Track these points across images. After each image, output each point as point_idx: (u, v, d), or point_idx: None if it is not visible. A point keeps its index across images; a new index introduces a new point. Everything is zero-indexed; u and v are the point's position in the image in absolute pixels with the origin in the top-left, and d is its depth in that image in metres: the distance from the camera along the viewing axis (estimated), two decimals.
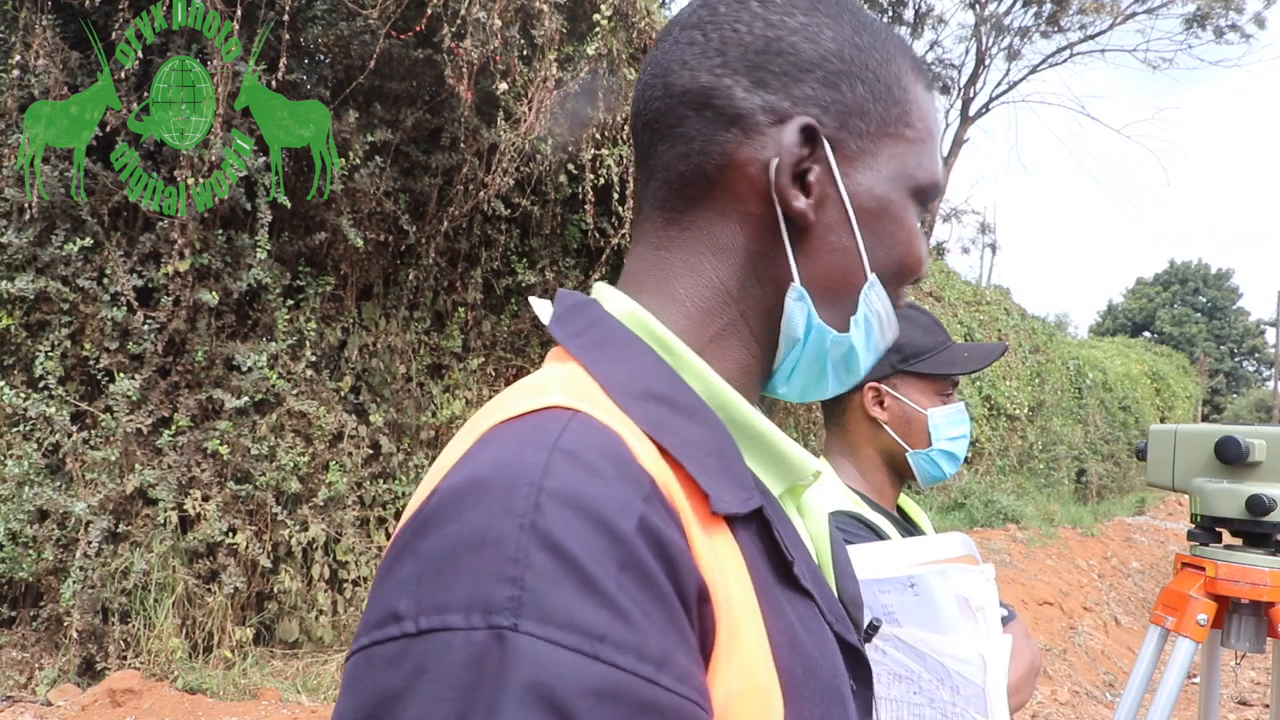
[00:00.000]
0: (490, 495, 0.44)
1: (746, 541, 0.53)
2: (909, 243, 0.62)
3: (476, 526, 0.43)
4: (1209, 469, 1.79)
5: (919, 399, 1.42)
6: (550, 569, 0.42)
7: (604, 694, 0.41)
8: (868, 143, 0.60)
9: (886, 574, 1.09)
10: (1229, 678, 5.75)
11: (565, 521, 0.43)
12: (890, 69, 0.61)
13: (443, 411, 4.54)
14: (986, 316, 12.04)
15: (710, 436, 0.55)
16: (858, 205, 0.60)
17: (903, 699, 1.04)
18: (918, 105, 0.62)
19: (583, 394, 0.53)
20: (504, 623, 0.41)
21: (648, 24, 4.51)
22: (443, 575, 0.43)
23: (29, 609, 3.70)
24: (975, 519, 8.95)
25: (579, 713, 0.40)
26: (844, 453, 1.46)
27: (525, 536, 0.42)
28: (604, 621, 0.42)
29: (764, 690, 0.49)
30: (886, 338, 0.64)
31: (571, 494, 0.44)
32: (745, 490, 0.54)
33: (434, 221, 4.43)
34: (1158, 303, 39.85)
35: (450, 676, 0.41)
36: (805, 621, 0.55)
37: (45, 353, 3.58)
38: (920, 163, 0.62)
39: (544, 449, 0.46)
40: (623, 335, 0.58)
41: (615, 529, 0.44)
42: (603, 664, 0.41)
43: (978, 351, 1.46)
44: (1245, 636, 1.81)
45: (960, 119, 19.57)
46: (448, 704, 0.40)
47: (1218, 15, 18.47)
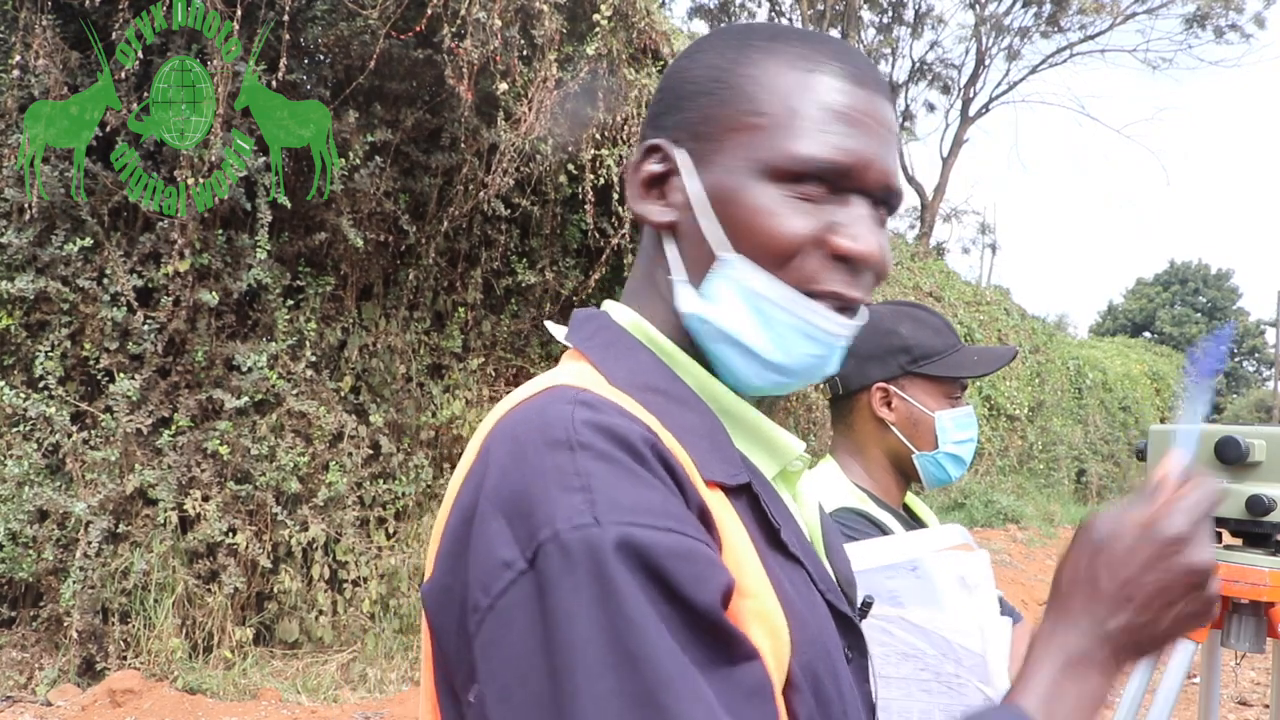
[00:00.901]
0: (534, 443, 0.54)
1: (742, 508, 0.62)
2: (759, 221, 0.65)
3: (536, 464, 0.53)
4: (1209, 469, 1.79)
5: (927, 401, 1.42)
6: (604, 473, 0.52)
7: (679, 554, 0.51)
8: (716, 143, 0.67)
9: (892, 560, 1.13)
10: (1229, 678, 5.75)
11: (601, 441, 0.54)
12: (745, 71, 0.68)
13: (443, 411, 4.54)
14: (986, 317, 12.04)
15: (701, 422, 0.64)
16: (712, 198, 0.67)
17: (910, 676, 1.09)
18: (775, 92, 0.66)
19: (590, 383, 0.62)
20: (588, 520, 0.50)
21: (648, 24, 4.51)
22: (524, 511, 0.52)
23: (29, 609, 3.70)
24: (975, 519, 8.95)
25: (670, 570, 0.50)
26: (851, 452, 1.45)
27: (575, 455, 0.53)
28: (660, 502, 0.53)
29: (773, 616, 0.57)
30: (788, 319, 0.66)
31: (598, 423, 0.55)
32: (733, 467, 0.63)
33: (434, 221, 4.43)
34: (1158, 303, 39.84)
35: (570, 576, 0.49)
36: (794, 583, 0.63)
37: (45, 353, 3.58)
38: (769, 143, 0.65)
39: (566, 403, 0.57)
40: (626, 339, 0.69)
41: (635, 447, 0.54)
42: (673, 534, 0.52)
43: (988, 355, 1.45)
44: (1245, 637, 1.80)
45: (960, 119, 19.56)
46: (580, 596, 0.49)
47: (1218, 15, 18.47)
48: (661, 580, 0.50)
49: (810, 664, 0.60)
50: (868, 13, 18.97)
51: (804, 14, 16.68)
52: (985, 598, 1.14)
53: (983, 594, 1.13)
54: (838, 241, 0.65)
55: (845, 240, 0.65)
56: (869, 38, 19.52)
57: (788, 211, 0.65)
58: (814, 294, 0.66)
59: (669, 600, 0.50)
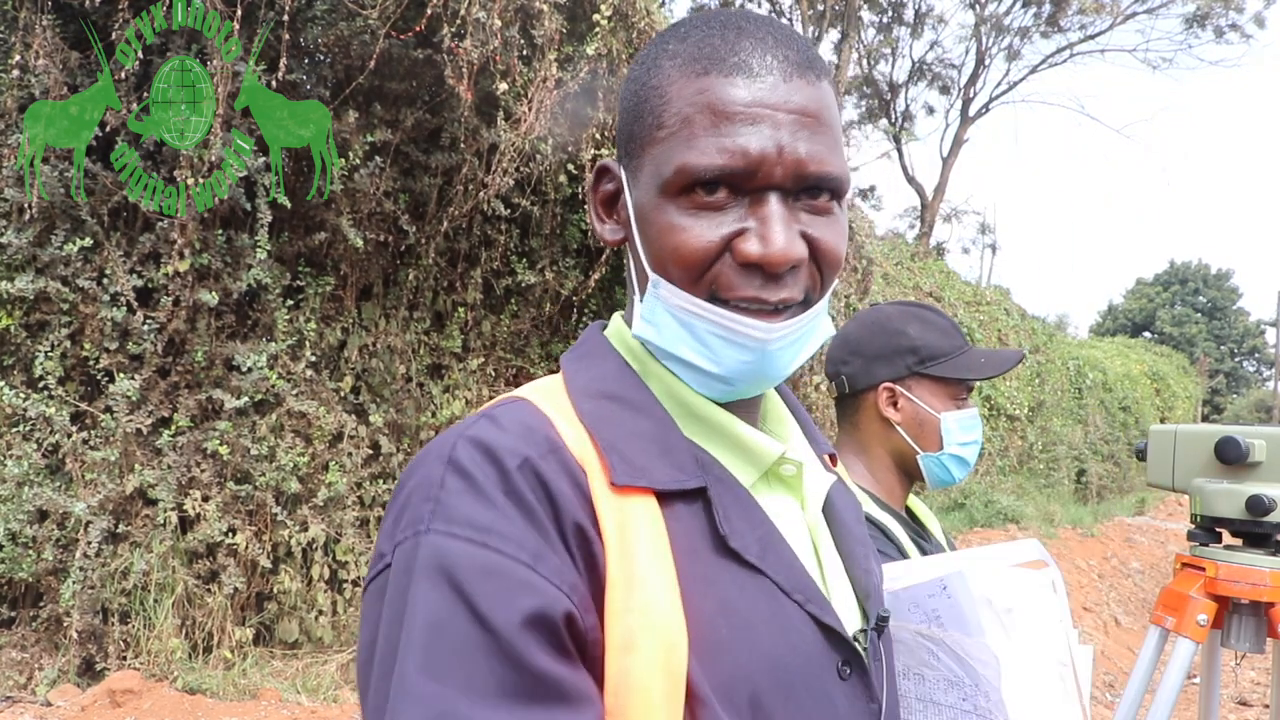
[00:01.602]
0: (432, 452, 0.60)
1: (681, 515, 0.62)
2: (659, 239, 0.65)
3: (421, 475, 0.59)
4: (1209, 469, 1.79)
5: (933, 402, 1.42)
6: (455, 486, 0.57)
7: (489, 571, 0.53)
8: (637, 160, 0.68)
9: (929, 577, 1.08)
10: (1229, 678, 5.75)
11: (470, 455, 0.58)
12: (651, 82, 0.67)
13: (443, 412, 4.54)
14: (986, 317, 12.03)
15: (653, 428, 0.65)
16: (637, 218, 0.68)
17: (956, 705, 1.04)
18: (672, 102, 0.65)
19: (544, 391, 0.67)
20: (422, 528, 0.56)
21: (647, 24, 4.51)
22: (401, 514, 0.58)
23: (29, 609, 3.70)
24: (975, 519, 8.95)
25: (469, 585, 0.53)
26: (855, 451, 1.45)
27: (444, 467, 0.58)
28: (491, 520, 0.55)
29: (667, 630, 0.57)
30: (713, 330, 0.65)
31: (478, 438, 0.59)
32: (682, 472, 0.63)
33: (434, 222, 4.43)
34: (1158, 303, 39.83)
35: (394, 580, 0.56)
36: (745, 592, 0.62)
37: (45, 353, 3.58)
38: (667, 157, 0.64)
39: (477, 417, 0.62)
40: (602, 349, 0.72)
41: (503, 463, 0.57)
42: (489, 550, 0.54)
43: (995, 358, 1.44)
44: (1245, 637, 1.80)
45: (960, 119, 19.56)
46: (393, 600, 0.55)
47: (1218, 15, 18.46)
48: (463, 594, 0.53)
49: (746, 678, 0.59)
50: (868, 13, 18.96)
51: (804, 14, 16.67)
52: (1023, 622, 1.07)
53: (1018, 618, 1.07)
54: (742, 248, 0.63)
55: (748, 245, 0.63)
56: (869, 38, 19.52)
57: (689, 225, 0.64)
58: (731, 302, 0.65)
59: (468, 615, 0.52)
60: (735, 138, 0.62)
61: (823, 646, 0.65)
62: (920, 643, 1.06)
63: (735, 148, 0.62)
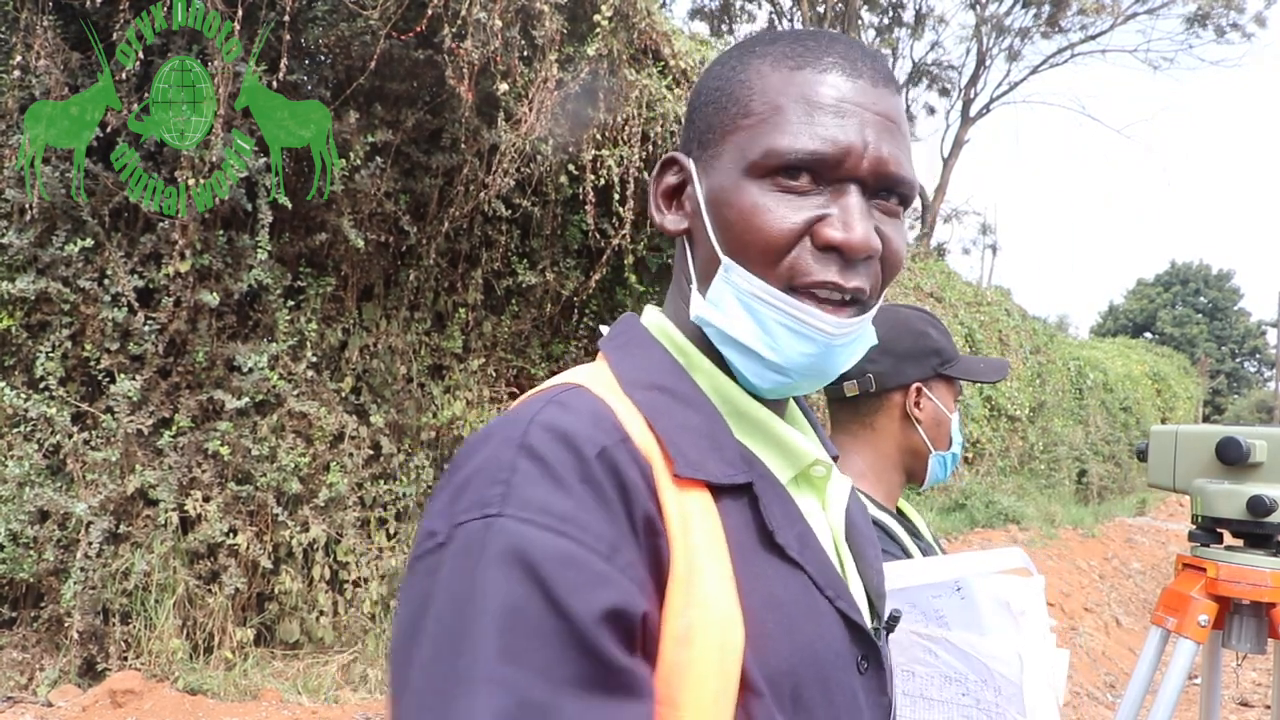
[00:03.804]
0: (496, 435, 0.59)
1: (731, 510, 0.63)
2: (740, 219, 0.67)
3: (484, 455, 0.58)
4: (1210, 470, 1.79)
5: (947, 402, 1.46)
6: (530, 471, 0.55)
7: (569, 561, 0.52)
8: (715, 149, 0.70)
9: (940, 579, 1.12)
10: (1230, 679, 5.74)
11: (545, 441, 0.57)
12: (738, 77, 0.70)
13: (443, 412, 4.54)
14: (987, 317, 12.03)
15: (703, 421, 0.66)
16: (709, 204, 0.69)
17: (953, 700, 1.08)
18: (763, 92, 0.68)
19: (596, 380, 0.67)
20: (492, 512, 0.54)
21: (648, 24, 4.51)
22: (461, 494, 0.57)
23: (30, 610, 3.70)
24: (976, 520, 8.94)
25: (548, 573, 0.52)
26: (858, 451, 1.46)
27: (515, 451, 0.57)
28: (569, 509, 0.54)
29: (724, 621, 0.58)
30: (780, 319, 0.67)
31: (553, 424, 0.58)
32: (731, 467, 0.64)
33: (434, 222, 4.43)
34: (1159, 303, 39.80)
35: (454, 561, 0.54)
36: (788, 587, 0.64)
37: (46, 353, 3.58)
38: (754, 141, 0.67)
39: (542, 402, 0.61)
40: (644, 340, 0.72)
41: (581, 451, 0.57)
42: (568, 539, 0.53)
43: (990, 363, 1.50)
44: (1246, 637, 1.80)
45: (961, 119, 19.56)
46: (456, 580, 0.53)
47: (1218, 15, 18.46)
48: (540, 582, 0.52)
49: (791, 670, 0.61)
50: (868, 13, 18.96)
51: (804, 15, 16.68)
52: (1032, 625, 1.12)
53: (1029, 621, 1.12)
54: (824, 231, 0.65)
55: (830, 230, 0.65)
56: (869, 39, 19.51)
57: (771, 206, 0.66)
58: (806, 287, 0.66)
59: (544, 603, 0.51)
60: (827, 127, 0.65)
61: (847, 642, 0.67)
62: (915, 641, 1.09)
63: (826, 135, 0.65)
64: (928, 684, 1.08)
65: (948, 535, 8.11)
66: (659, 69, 4.76)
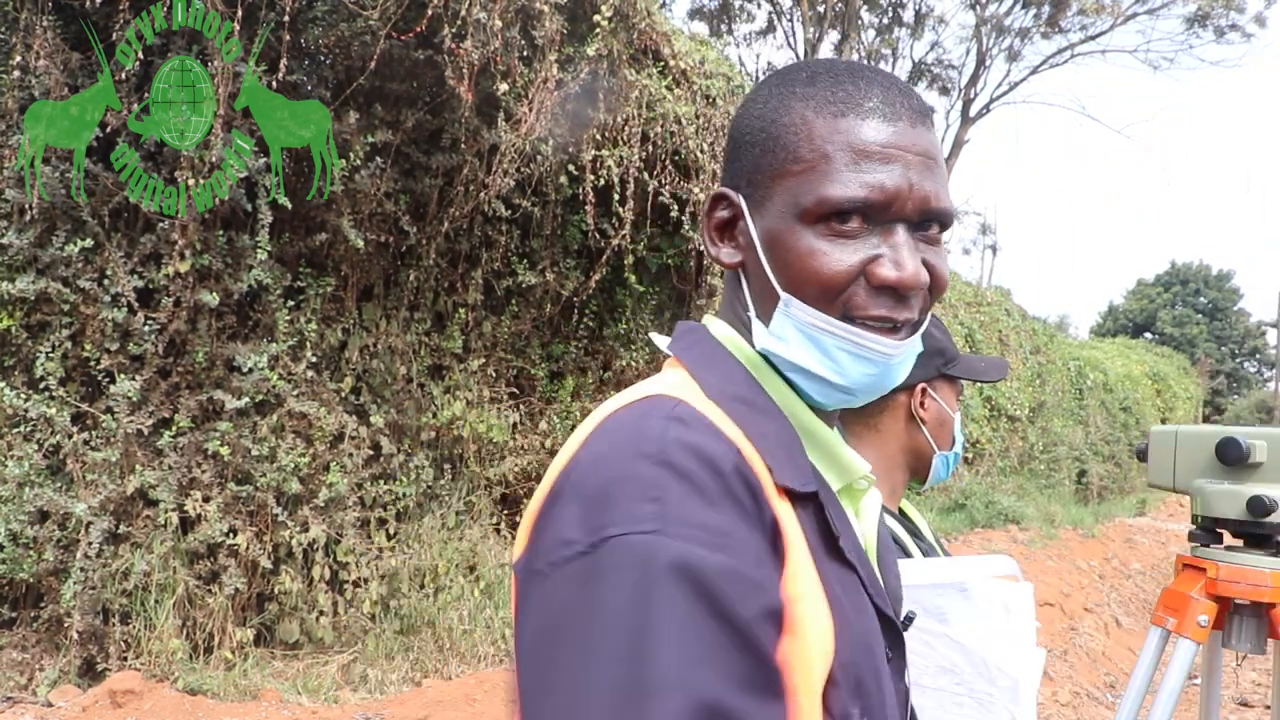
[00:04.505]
0: (627, 449, 0.62)
1: (804, 516, 0.68)
2: (798, 262, 0.72)
3: (622, 468, 0.61)
4: (1210, 470, 1.79)
5: (950, 401, 1.47)
6: (681, 491, 0.59)
7: (728, 574, 0.57)
8: (765, 190, 0.74)
9: (942, 580, 1.21)
10: (1230, 679, 5.74)
11: (687, 459, 0.60)
12: (784, 121, 0.74)
13: (443, 412, 4.54)
14: (987, 317, 12.03)
15: (781, 432, 0.71)
16: (764, 242, 0.74)
17: (945, 689, 1.17)
18: (810, 138, 0.72)
19: (685, 390, 0.71)
20: (652, 528, 0.57)
21: (648, 25, 4.51)
22: (601, 505, 0.59)
23: (30, 610, 3.70)
24: (976, 520, 8.94)
25: (714, 586, 0.56)
26: (861, 452, 1.46)
27: (659, 470, 0.60)
28: (721, 523, 0.59)
29: (819, 614, 0.64)
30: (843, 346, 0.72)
31: (689, 443, 0.62)
32: (804, 476, 0.69)
33: (434, 222, 4.43)
34: (1158, 304, 39.78)
35: (618, 573, 0.56)
36: (845, 587, 0.69)
37: (46, 354, 3.58)
38: (807, 188, 0.71)
39: (663, 418, 0.64)
40: (720, 352, 0.77)
41: (720, 468, 0.61)
42: (725, 553, 0.58)
43: (990, 363, 1.51)
44: (1246, 638, 1.80)
45: (961, 120, 19.56)
46: (617, 593, 0.56)
47: (1218, 15, 18.46)
48: (709, 594, 0.56)
49: (854, 661, 0.66)
50: (868, 14, 18.95)
51: (804, 15, 16.67)
52: (1024, 627, 1.21)
53: (1021, 623, 1.21)
54: (878, 272, 0.71)
55: (884, 270, 0.71)
56: (869, 39, 19.51)
57: (827, 250, 0.71)
58: (862, 320, 0.72)
59: (713, 614, 0.56)
60: (875, 174, 0.70)
61: (879, 636, 0.73)
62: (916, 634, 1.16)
63: (875, 183, 0.70)
64: (921, 673, 1.16)
65: (948, 535, 8.11)
66: (659, 69, 4.76)
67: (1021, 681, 1.16)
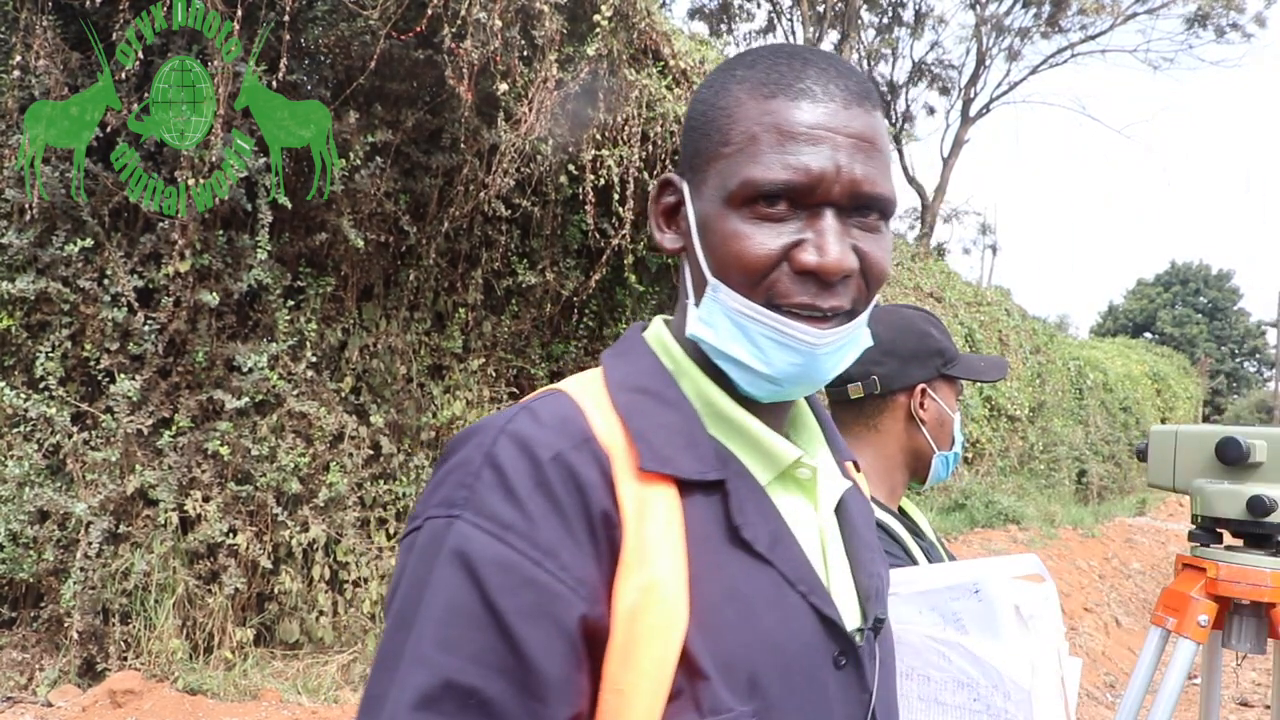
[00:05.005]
0: (477, 436, 0.67)
1: (699, 505, 0.68)
2: (722, 245, 0.70)
3: (460, 456, 0.66)
4: (1210, 470, 1.79)
5: (950, 402, 1.46)
6: (490, 480, 0.63)
7: (501, 564, 0.60)
8: (701, 174, 0.73)
9: (957, 582, 1.14)
10: (1230, 679, 5.74)
11: (507, 450, 0.64)
12: (719, 104, 0.72)
13: (443, 412, 4.54)
14: (987, 317, 12.03)
15: (682, 422, 0.71)
16: (699, 226, 0.73)
17: (964, 705, 1.10)
18: (740, 121, 0.70)
19: (583, 385, 0.73)
20: (455, 513, 0.63)
21: (648, 25, 4.51)
22: (435, 488, 0.66)
23: (29, 610, 3.70)
24: (976, 520, 8.94)
25: (484, 575, 0.60)
26: (861, 452, 1.46)
27: (481, 459, 0.64)
28: (512, 517, 0.61)
29: (669, 607, 0.63)
30: (767, 334, 0.70)
31: (516, 433, 0.65)
32: (703, 464, 0.68)
33: (434, 222, 4.43)
34: (1158, 303, 39.79)
35: (422, 549, 0.63)
36: (753, 580, 0.68)
37: (46, 353, 3.58)
38: (733, 171, 0.70)
39: (518, 409, 0.68)
40: (640, 348, 0.77)
41: (537, 457, 0.63)
42: (504, 544, 0.61)
43: (990, 362, 1.50)
44: (1246, 637, 1.80)
45: (961, 119, 19.56)
46: (418, 565, 0.63)
47: (1218, 15, 18.46)
48: (479, 583, 0.60)
49: (747, 656, 0.65)
50: (868, 13, 18.96)
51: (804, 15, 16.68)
52: (1044, 631, 1.13)
53: (1040, 627, 1.13)
54: (800, 257, 0.69)
55: (805, 255, 0.68)
56: (869, 39, 19.52)
57: (750, 233, 0.69)
58: (785, 307, 0.69)
59: (478, 601, 0.60)
60: (799, 155, 0.68)
61: (821, 636, 0.70)
62: (930, 645, 1.09)
63: (799, 165, 0.68)
64: (942, 689, 1.10)
65: (948, 535, 8.11)
66: (659, 69, 4.76)
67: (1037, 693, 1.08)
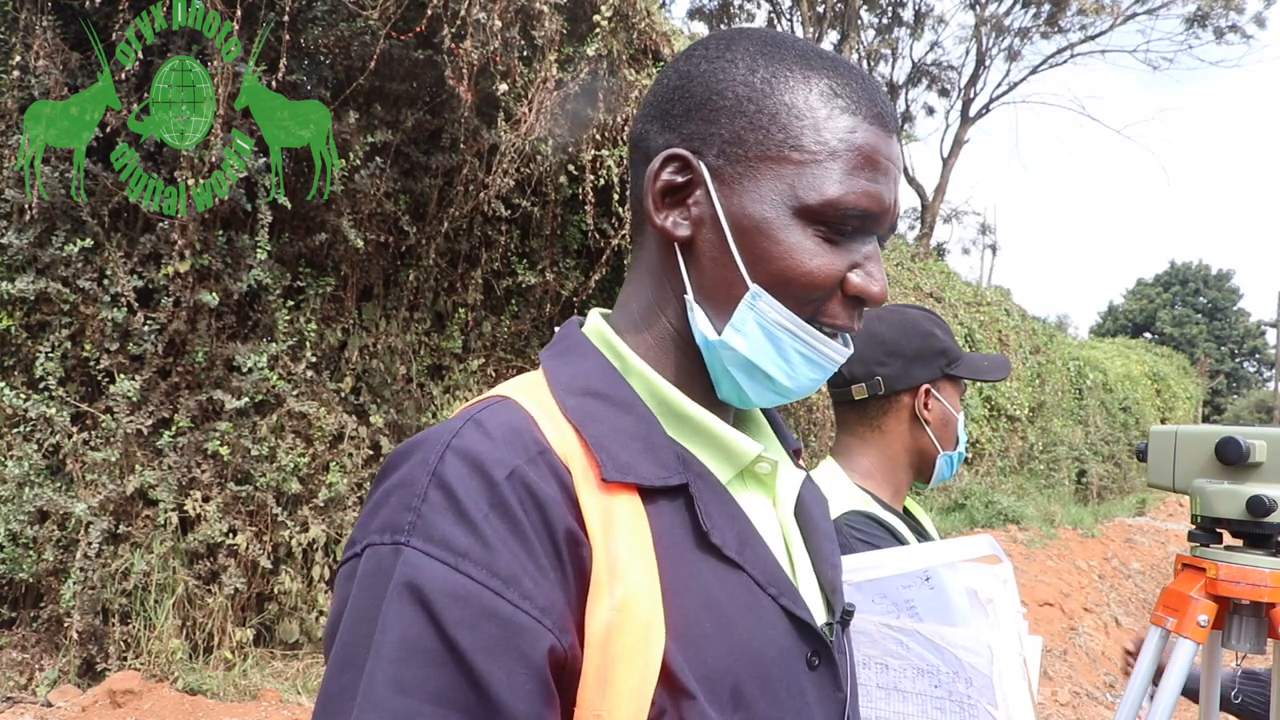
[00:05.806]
0: (419, 452, 0.60)
1: (664, 511, 0.63)
2: (786, 258, 0.66)
3: (403, 475, 0.59)
4: (1209, 470, 1.79)
5: (953, 401, 1.46)
6: (438, 502, 0.57)
7: (458, 596, 0.54)
8: (745, 168, 0.67)
9: (908, 569, 1.11)
10: None
11: (456, 469, 0.57)
12: (782, 99, 0.67)
13: (443, 413, 4.54)
14: (987, 317, 12.03)
15: (637, 425, 0.66)
16: (733, 224, 0.67)
17: (926, 693, 1.08)
18: (815, 128, 0.67)
19: (527, 389, 0.67)
20: (401, 539, 0.56)
21: (648, 25, 4.51)
22: (375, 510, 0.59)
23: (29, 610, 3.70)
24: (976, 520, 8.95)
25: (439, 608, 0.54)
26: (864, 452, 1.46)
27: (428, 479, 0.58)
28: (467, 543, 0.55)
29: (645, 625, 0.58)
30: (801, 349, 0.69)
31: (465, 449, 0.58)
32: (664, 469, 0.64)
33: (434, 222, 4.43)
34: (1158, 304, 39.82)
35: (366, 579, 0.57)
36: (726, 586, 0.64)
37: (45, 354, 3.58)
38: (809, 183, 0.66)
39: (462, 420, 0.61)
40: (581, 346, 0.72)
41: (491, 476, 0.57)
42: (460, 574, 0.55)
43: (993, 361, 1.50)
44: (1246, 638, 1.80)
45: (960, 119, 19.56)
46: (363, 597, 0.56)
47: (1218, 15, 18.47)
48: (434, 617, 0.54)
49: (729, 668, 0.61)
50: (867, 14, 18.96)
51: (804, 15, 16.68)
52: (1001, 613, 1.11)
53: (998, 609, 1.11)
54: (857, 283, 0.68)
55: (863, 282, 0.69)
56: (868, 39, 19.52)
57: (817, 251, 0.67)
58: (827, 326, 0.69)
59: (436, 637, 0.54)
60: (876, 184, 0.67)
61: (794, 639, 0.67)
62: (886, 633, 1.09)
63: (876, 193, 0.67)
64: (900, 676, 1.08)
65: (948, 535, 8.11)
66: (659, 69, 4.76)
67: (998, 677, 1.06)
